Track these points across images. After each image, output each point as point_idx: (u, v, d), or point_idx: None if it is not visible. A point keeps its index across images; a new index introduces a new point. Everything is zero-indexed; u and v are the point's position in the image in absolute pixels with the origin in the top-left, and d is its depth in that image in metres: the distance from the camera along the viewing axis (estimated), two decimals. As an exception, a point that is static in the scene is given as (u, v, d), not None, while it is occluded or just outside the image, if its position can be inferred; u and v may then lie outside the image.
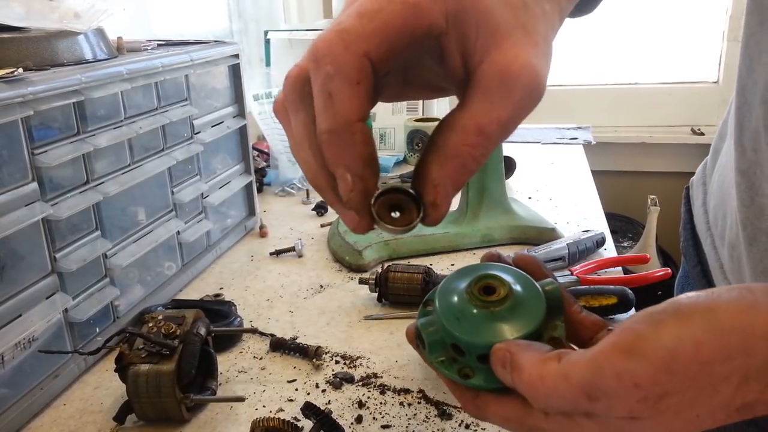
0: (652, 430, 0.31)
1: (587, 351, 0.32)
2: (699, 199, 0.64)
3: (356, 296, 0.83)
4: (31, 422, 0.61)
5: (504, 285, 0.37)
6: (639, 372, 0.30)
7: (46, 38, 0.66)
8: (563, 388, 0.31)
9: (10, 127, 0.58)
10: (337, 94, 0.29)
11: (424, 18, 0.29)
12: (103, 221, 0.71)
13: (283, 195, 1.28)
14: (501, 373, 0.34)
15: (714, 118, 2.13)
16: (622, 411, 0.31)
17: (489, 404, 0.36)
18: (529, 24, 0.31)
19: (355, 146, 0.30)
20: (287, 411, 0.61)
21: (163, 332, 0.60)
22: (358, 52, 0.29)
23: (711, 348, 0.30)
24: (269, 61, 1.59)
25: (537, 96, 0.31)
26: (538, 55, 0.31)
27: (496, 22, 0.30)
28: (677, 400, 0.30)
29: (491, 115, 0.30)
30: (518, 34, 0.30)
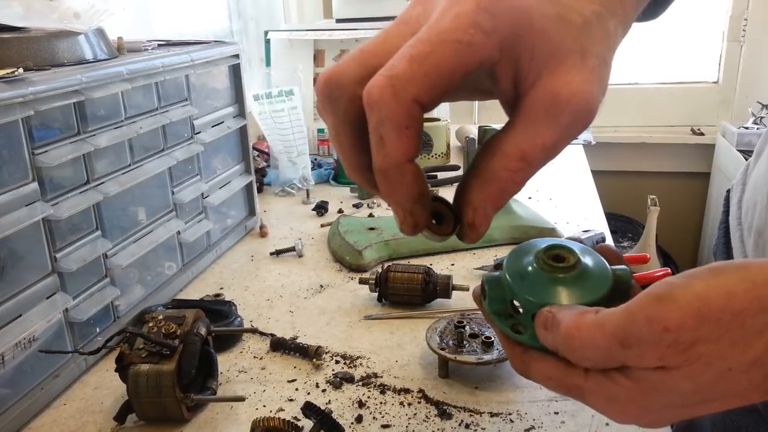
0: (684, 382, 0.31)
1: (624, 304, 0.32)
2: (736, 197, 0.65)
3: (356, 296, 0.83)
4: (31, 422, 0.61)
5: (573, 255, 0.38)
6: (669, 316, 0.30)
7: (46, 38, 0.66)
8: (598, 336, 0.32)
9: (11, 127, 0.58)
10: (387, 138, 0.30)
11: (478, 55, 0.29)
12: (104, 221, 0.71)
13: (283, 195, 1.28)
14: (543, 335, 0.35)
15: (714, 118, 2.13)
16: (653, 358, 0.31)
17: (534, 360, 0.37)
18: (587, 46, 0.31)
19: (405, 186, 0.31)
20: (287, 411, 0.61)
21: (164, 332, 0.60)
22: (407, 99, 0.29)
23: (744, 298, 0.29)
24: (269, 61, 1.59)
25: (586, 122, 0.31)
26: (592, 80, 0.30)
27: (552, 46, 0.30)
28: (708, 349, 0.30)
29: (535, 141, 0.31)
30: (574, 59, 0.30)
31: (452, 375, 0.65)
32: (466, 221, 0.34)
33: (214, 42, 0.96)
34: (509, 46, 0.30)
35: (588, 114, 0.31)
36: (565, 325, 0.33)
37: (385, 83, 0.29)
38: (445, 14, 0.29)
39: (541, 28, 0.30)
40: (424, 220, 0.33)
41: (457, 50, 0.29)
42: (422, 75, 0.29)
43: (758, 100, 1.97)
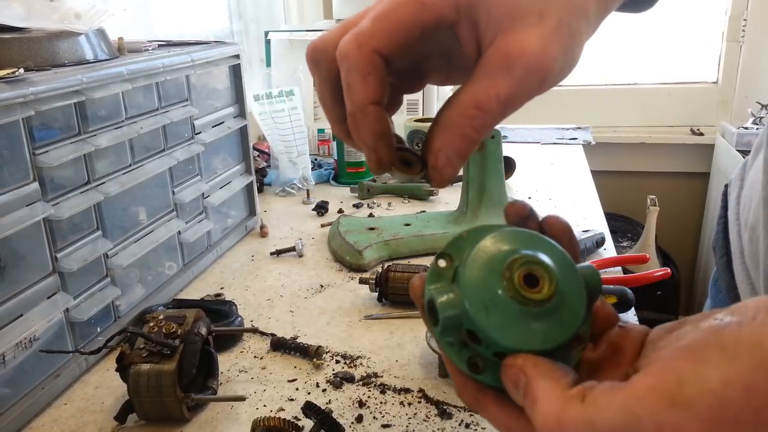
0: None
1: (616, 391, 0.27)
2: (735, 192, 0.65)
3: (356, 296, 0.83)
4: (32, 422, 0.61)
5: (551, 280, 0.31)
6: (686, 426, 0.26)
7: (47, 39, 0.66)
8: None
9: (12, 127, 0.58)
10: (352, 85, 0.34)
11: (433, 14, 0.32)
12: (104, 221, 0.71)
13: (284, 195, 1.28)
14: (512, 392, 0.31)
15: (713, 118, 2.13)
16: None
17: (491, 404, 0.32)
18: (547, 10, 0.33)
19: (367, 124, 0.34)
20: (288, 410, 0.61)
21: (164, 332, 0.60)
22: (369, 50, 0.33)
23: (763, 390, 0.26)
24: (269, 61, 1.59)
25: (539, 77, 0.33)
26: (549, 40, 0.32)
27: (508, 8, 0.32)
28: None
29: (489, 92, 0.32)
30: (530, 20, 0.32)
31: (452, 375, 0.65)
32: (430, 165, 0.35)
33: (214, 42, 0.96)
34: (466, 8, 0.33)
35: (541, 69, 0.32)
36: (543, 411, 0.28)
37: (350, 38, 0.34)
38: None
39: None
40: (388, 158, 0.36)
41: (415, 9, 0.32)
42: (382, 30, 0.33)
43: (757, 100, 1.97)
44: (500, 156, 0.99)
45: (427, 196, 1.21)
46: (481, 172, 0.98)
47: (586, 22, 0.35)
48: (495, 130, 0.96)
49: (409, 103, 1.50)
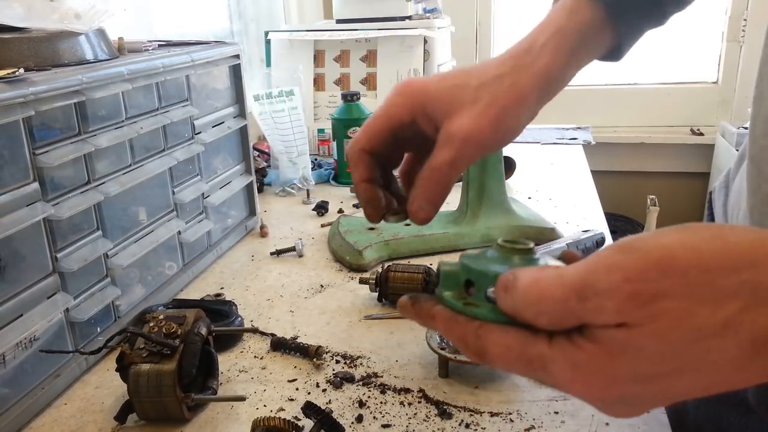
0: (650, 342, 0.29)
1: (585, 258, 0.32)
2: (720, 200, 0.65)
3: (356, 296, 0.83)
4: (32, 422, 0.61)
5: (528, 243, 0.38)
6: (630, 265, 0.29)
7: (47, 39, 0.66)
8: (555, 287, 0.31)
9: (12, 127, 0.58)
10: (351, 169, 0.50)
11: (394, 120, 0.48)
12: (104, 221, 0.71)
13: (284, 195, 1.28)
14: (503, 298, 0.34)
15: (713, 118, 2.13)
16: (612, 311, 0.29)
17: (490, 332, 0.35)
18: (479, 97, 0.46)
19: (360, 194, 0.49)
20: (288, 410, 0.61)
21: (164, 332, 0.60)
22: (357, 148, 0.49)
23: (714, 255, 0.28)
24: (270, 61, 1.59)
25: (473, 144, 0.46)
26: (478, 117, 0.45)
27: (449, 102, 0.47)
28: (673, 305, 0.28)
29: (440, 159, 0.46)
30: (465, 106, 0.46)
31: (452, 375, 0.65)
32: (409, 211, 0.48)
33: (214, 42, 0.96)
34: (420, 110, 0.47)
35: (473, 139, 0.45)
36: (523, 280, 0.33)
37: (350, 143, 0.51)
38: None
39: (437, 96, 0.47)
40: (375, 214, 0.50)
41: (383, 119, 0.48)
42: (364, 136, 0.49)
43: (758, 100, 1.97)
44: (500, 156, 0.99)
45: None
46: (481, 172, 0.98)
47: (524, 107, 0.47)
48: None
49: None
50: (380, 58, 1.50)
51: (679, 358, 0.29)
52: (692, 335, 0.28)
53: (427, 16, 1.54)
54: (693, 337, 0.28)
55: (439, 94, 0.47)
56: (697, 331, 0.28)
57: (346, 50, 1.53)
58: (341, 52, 1.53)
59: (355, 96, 1.30)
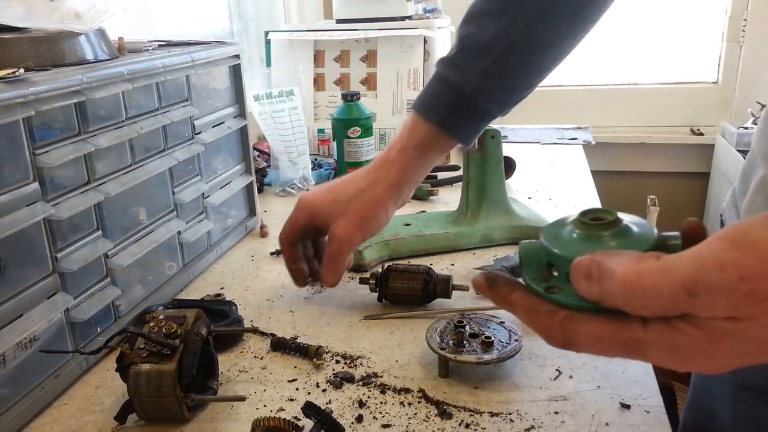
0: (757, 331, 0.29)
1: (692, 248, 0.30)
2: (732, 220, 0.65)
3: (356, 296, 0.83)
4: (32, 422, 0.61)
5: (612, 214, 0.36)
6: (746, 263, 0.28)
7: (47, 39, 0.66)
8: (663, 283, 0.30)
9: (12, 127, 0.58)
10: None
11: (298, 224, 0.73)
12: (104, 221, 0.71)
13: (284, 195, 1.28)
14: (585, 286, 0.33)
15: (713, 118, 2.13)
16: (724, 308, 0.29)
17: (579, 323, 0.34)
18: (349, 209, 0.70)
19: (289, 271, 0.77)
20: (288, 410, 0.61)
21: (164, 332, 0.60)
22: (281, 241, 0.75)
23: None
24: (270, 61, 1.59)
25: (345, 243, 0.70)
26: (348, 225, 0.69)
27: (329, 214, 0.71)
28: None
29: (328, 251, 0.71)
30: (340, 217, 0.70)
31: (452, 375, 0.65)
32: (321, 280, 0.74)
33: (214, 42, 0.96)
34: (312, 218, 0.72)
35: (344, 239, 0.70)
36: (622, 271, 0.31)
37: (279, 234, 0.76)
38: None
39: (321, 208, 0.72)
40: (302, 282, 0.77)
41: (290, 222, 0.74)
42: (284, 231, 0.75)
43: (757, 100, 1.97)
44: (500, 156, 0.99)
45: (427, 196, 1.21)
46: (481, 173, 0.98)
47: (382, 211, 0.71)
48: (495, 131, 0.96)
49: (409, 103, 1.50)
50: (380, 58, 1.50)
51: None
52: None
53: (427, 16, 1.54)
54: None
55: (323, 207, 0.71)
56: None
57: (346, 50, 1.53)
58: (341, 52, 1.53)
59: (355, 96, 1.30)
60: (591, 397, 0.60)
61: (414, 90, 1.48)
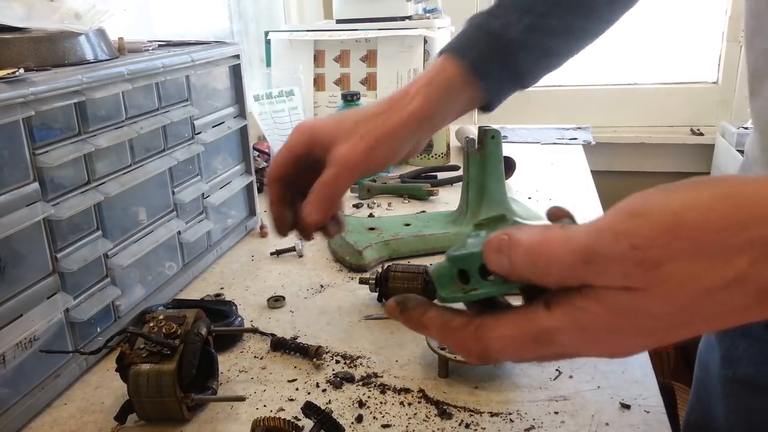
0: (655, 304, 0.29)
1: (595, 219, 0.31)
2: None
3: (356, 296, 0.83)
4: (32, 422, 0.61)
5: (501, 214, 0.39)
6: (638, 232, 0.29)
7: (47, 39, 0.66)
8: (564, 249, 0.31)
9: (12, 127, 0.58)
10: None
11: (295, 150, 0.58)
12: (104, 221, 0.71)
13: (284, 195, 1.28)
14: (496, 259, 0.33)
15: (713, 118, 2.13)
16: (617, 276, 0.29)
17: (491, 329, 0.34)
18: (356, 132, 0.57)
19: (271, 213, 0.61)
20: (288, 410, 0.61)
21: (164, 332, 0.60)
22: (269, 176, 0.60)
23: (723, 214, 0.28)
24: (270, 61, 1.59)
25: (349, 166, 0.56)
26: (355, 146, 0.56)
27: (333, 136, 0.57)
28: (680, 268, 0.28)
29: (325, 177, 0.56)
30: (345, 138, 0.57)
31: (452, 375, 0.65)
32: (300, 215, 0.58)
33: (214, 42, 0.96)
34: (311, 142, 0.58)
35: (348, 163, 0.56)
36: (528, 239, 0.32)
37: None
38: None
39: (324, 130, 0.58)
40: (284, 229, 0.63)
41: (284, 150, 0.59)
42: (273, 164, 0.59)
43: (758, 100, 1.96)
44: (500, 156, 0.99)
45: (427, 196, 1.21)
46: (481, 172, 0.98)
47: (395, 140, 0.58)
48: (495, 131, 0.96)
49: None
50: (380, 58, 1.50)
51: (686, 315, 0.29)
52: (700, 294, 0.29)
53: (427, 16, 1.54)
54: (700, 295, 0.29)
55: (326, 129, 0.59)
56: (705, 290, 0.29)
57: (346, 50, 1.53)
58: (341, 52, 1.53)
59: (355, 96, 1.30)
60: (591, 397, 0.60)
61: (414, 90, 1.48)
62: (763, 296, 0.28)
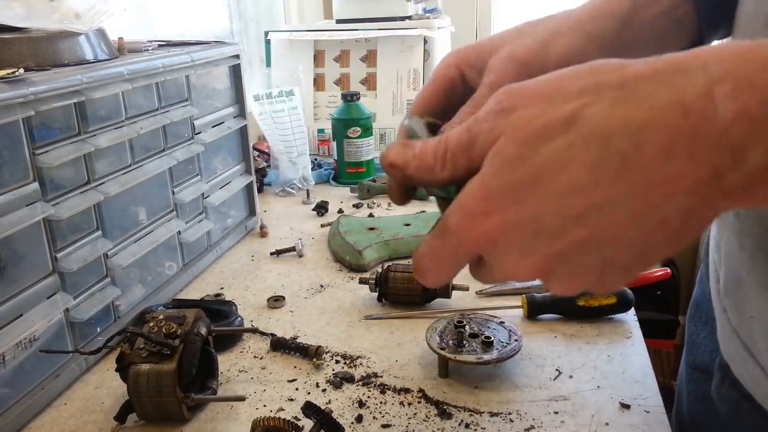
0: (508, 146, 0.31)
1: None
2: (726, 218, 0.64)
3: (356, 296, 0.83)
4: (32, 422, 0.61)
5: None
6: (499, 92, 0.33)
7: (47, 38, 0.66)
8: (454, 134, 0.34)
9: (12, 127, 0.58)
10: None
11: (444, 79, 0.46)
12: (104, 221, 0.71)
13: (284, 195, 1.28)
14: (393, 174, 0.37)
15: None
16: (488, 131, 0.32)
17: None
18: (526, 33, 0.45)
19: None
20: (288, 410, 0.61)
21: (164, 332, 0.60)
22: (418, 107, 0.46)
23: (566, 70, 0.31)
24: (270, 61, 1.59)
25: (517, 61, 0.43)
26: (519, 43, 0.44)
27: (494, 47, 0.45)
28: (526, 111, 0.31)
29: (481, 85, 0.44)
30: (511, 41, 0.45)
31: (452, 375, 0.65)
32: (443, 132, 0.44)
33: (214, 42, 0.96)
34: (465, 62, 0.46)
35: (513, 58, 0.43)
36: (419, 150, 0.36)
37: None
38: None
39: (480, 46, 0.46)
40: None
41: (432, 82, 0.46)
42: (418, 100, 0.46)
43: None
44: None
45: (426, 196, 1.21)
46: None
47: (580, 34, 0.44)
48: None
49: (408, 102, 1.50)
50: (380, 58, 1.50)
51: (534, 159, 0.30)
52: (541, 133, 0.30)
53: (427, 16, 1.54)
54: (542, 134, 0.30)
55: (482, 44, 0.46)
56: (544, 128, 0.30)
57: (346, 50, 1.53)
58: (341, 52, 1.53)
59: (355, 96, 1.30)
60: (591, 397, 0.60)
61: (414, 90, 1.48)
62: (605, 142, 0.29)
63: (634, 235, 0.29)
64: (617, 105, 0.29)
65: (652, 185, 0.28)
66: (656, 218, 0.29)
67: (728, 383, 0.49)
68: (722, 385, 0.50)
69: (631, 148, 0.28)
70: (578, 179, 0.29)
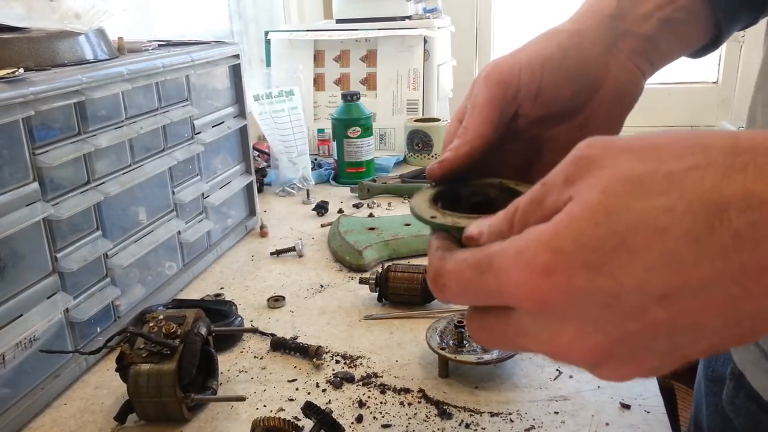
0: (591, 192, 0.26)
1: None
2: None
3: (356, 296, 0.83)
4: (32, 422, 0.61)
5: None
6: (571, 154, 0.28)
7: (46, 38, 0.66)
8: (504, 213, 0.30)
9: (11, 127, 0.58)
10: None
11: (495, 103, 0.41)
12: (104, 221, 0.71)
13: (284, 195, 1.28)
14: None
15: (714, 118, 2.13)
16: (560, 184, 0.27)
17: (452, 252, 0.31)
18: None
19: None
20: (288, 410, 0.61)
21: (164, 332, 0.60)
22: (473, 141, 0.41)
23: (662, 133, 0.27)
24: (269, 61, 1.59)
25: (501, 84, 0.41)
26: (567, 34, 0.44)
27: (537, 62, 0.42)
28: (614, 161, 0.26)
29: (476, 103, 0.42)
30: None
31: (452, 375, 0.65)
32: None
33: (214, 42, 0.96)
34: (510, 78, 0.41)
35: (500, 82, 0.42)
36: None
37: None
38: None
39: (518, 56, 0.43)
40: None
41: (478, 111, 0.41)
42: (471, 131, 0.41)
43: (758, 100, 1.97)
44: (500, 156, 0.98)
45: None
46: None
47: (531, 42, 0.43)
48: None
49: (409, 102, 1.50)
50: (380, 58, 1.50)
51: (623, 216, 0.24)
52: (636, 185, 0.24)
53: (427, 16, 1.54)
54: (636, 188, 0.24)
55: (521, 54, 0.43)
56: (639, 181, 0.24)
57: (346, 50, 1.53)
58: (341, 52, 1.53)
59: (355, 96, 1.30)
60: (591, 397, 0.60)
61: (414, 90, 1.48)
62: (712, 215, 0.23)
63: (720, 324, 0.24)
64: (733, 173, 0.23)
65: (760, 271, 0.23)
66: (751, 309, 0.24)
67: (744, 394, 0.48)
68: (736, 396, 0.50)
69: (746, 226, 0.23)
70: (676, 252, 0.24)
